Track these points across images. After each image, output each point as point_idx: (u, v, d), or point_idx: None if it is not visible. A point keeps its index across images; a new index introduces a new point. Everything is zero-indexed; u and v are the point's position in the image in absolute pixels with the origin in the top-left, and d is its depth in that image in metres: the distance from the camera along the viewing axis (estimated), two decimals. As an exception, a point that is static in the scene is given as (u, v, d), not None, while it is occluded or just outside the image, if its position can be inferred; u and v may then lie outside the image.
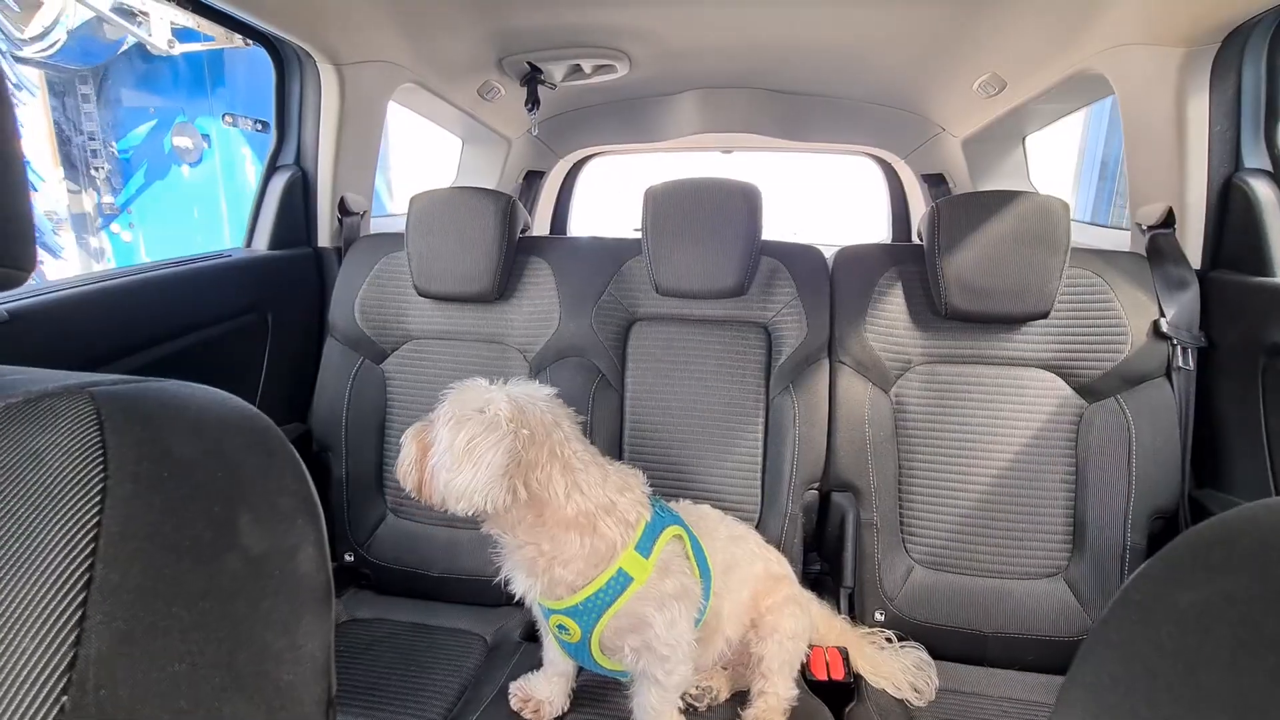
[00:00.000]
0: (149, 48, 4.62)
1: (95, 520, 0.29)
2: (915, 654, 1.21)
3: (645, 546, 0.96)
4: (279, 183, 1.56)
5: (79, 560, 0.28)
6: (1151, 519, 1.22)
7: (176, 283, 1.29)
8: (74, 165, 5.29)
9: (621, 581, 0.94)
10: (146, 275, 1.24)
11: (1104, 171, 4.78)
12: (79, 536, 0.29)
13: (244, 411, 0.41)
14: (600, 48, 1.75)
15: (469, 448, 0.86)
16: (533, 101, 1.90)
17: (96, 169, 5.41)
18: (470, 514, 0.90)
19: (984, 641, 1.26)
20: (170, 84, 5.39)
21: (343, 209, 1.65)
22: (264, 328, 1.49)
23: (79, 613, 0.28)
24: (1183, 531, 1.29)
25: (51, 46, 4.70)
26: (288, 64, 1.54)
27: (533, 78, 1.85)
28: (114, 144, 5.44)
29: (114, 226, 5.62)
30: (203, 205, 5.58)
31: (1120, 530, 1.22)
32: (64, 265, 5.17)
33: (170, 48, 4.85)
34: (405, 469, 0.93)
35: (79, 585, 0.28)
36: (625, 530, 0.95)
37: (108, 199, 5.53)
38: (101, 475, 0.31)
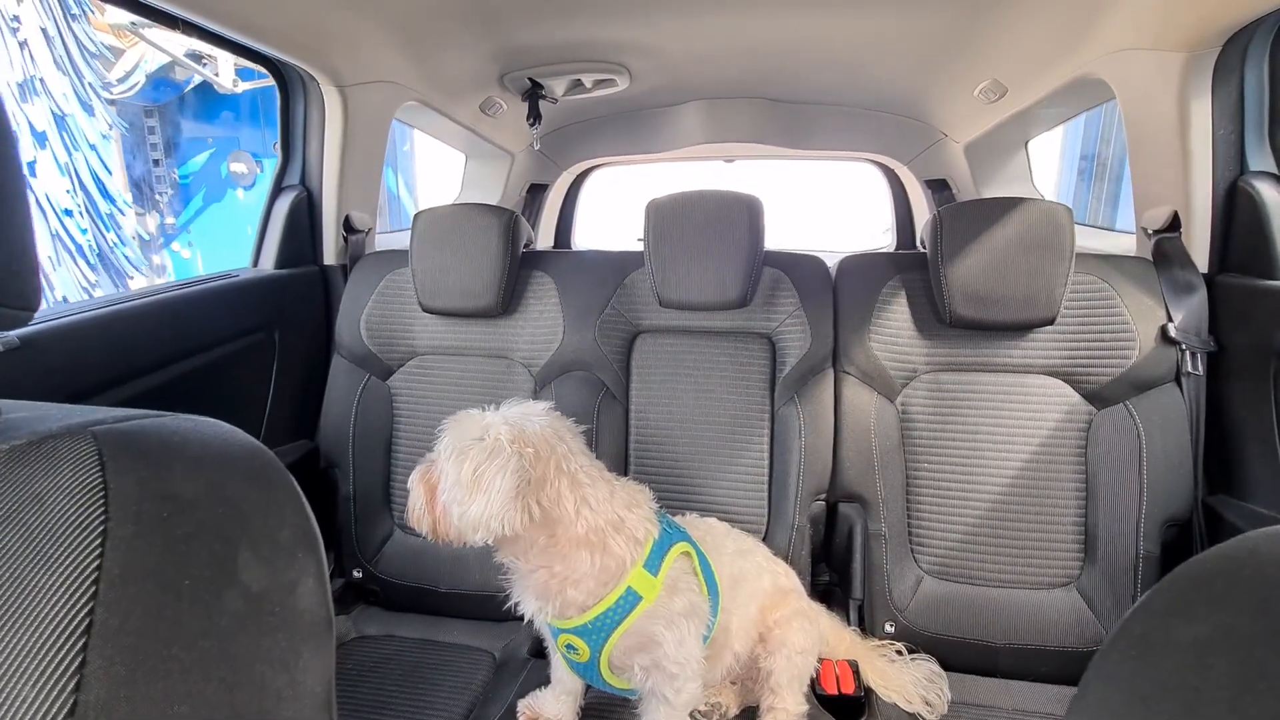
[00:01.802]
0: (216, 87, 5.51)
1: (96, 563, 0.30)
2: (926, 666, 1.20)
3: (654, 564, 0.96)
4: (284, 203, 1.58)
5: (80, 605, 0.29)
6: (1164, 526, 1.20)
7: (185, 304, 1.30)
8: (140, 191, 6.10)
9: (630, 600, 0.93)
10: (155, 298, 1.25)
11: (1082, 167, 4.78)
12: (80, 581, 0.29)
13: (244, 445, 0.41)
14: (600, 62, 1.76)
15: (476, 477, 0.85)
16: (534, 116, 1.92)
17: (160, 194, 6.22)
18: (488, 542, 0.89)
19: (996, 653, 1.24)
20: (227, 117, 6.22)
21: (348, 227, 1.67)
22: (271, 346, 1.50)
23: (79, 658, 0.28)
24: (1197, 539, 1.26)
25: (133, 88, 5.78)
26: (292, 86, 1.56)
27: (534, 93, 1.86)
28: (175, 171, 6.24)
29: (174, 245, 6.39)
30: (255, 224, 6.16)
31: (1133, 538, 1.20)
32: (138, 280, 5.86)
33: (234, 86, 5.50)
34: (418, 514, 0.93)
35: (79, 630, 0.28)
36: (634, 548, 0.95)
37: (170, 220, 6.33)
38: (103, 517, 0.31)
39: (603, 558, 0.92)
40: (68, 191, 5.24)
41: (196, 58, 5.18)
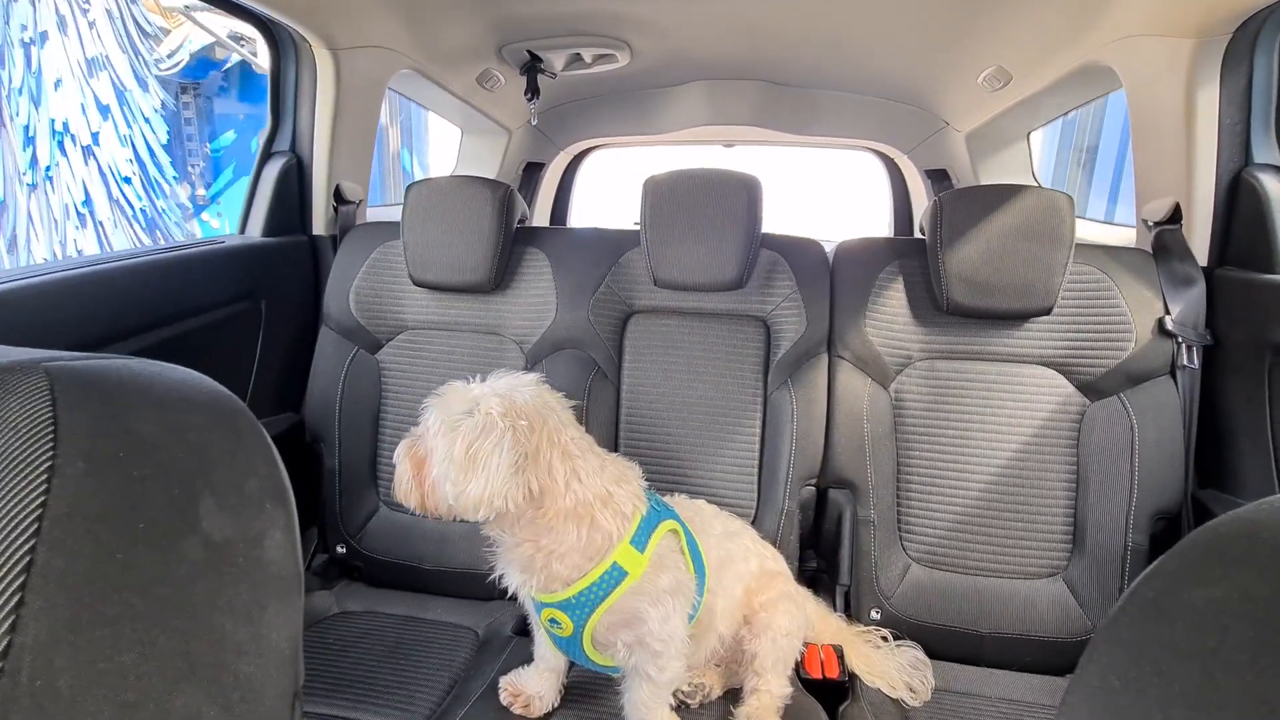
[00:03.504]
0: (254, 67, 5.90)
1: (40, 500, 0.28)
2: (911, 653, 1.20)
3: (640, 540, 0.94)
4: (274, 169, 1.54)
5: (19, 543, 0.27)
6: (1154, 519, 1.20)
7: (169, 268, 1.27)
8: (174, 162, 6.44)
9: (616, 575, 0.92)
10: (139, 260, 1.22)
11: (1060, 157, 4.77)
12: (20, 517, 0.27)
13: (212, 391, 0.39)
14: (601, 36, 1.72)
15: (471, 455, 0.84)
16: (532, 91, 1.88)
17: (193, 166, 6.58)
18: (488, 519, 0.88)
19: (981, 641, 1.24)
20: (260, 95, 6.33)
21: (338, 197, 1.63)
22: (258, 316, 1.47)
23: (16, 597, 0.26)
24: (1185, 532, 1.27)
25: (176, 65, 6.13)
26: (283, 48, 1.52)
27: (533, 66, 1.83)
28: (207, 145, 6.60)
29: (205, 214, 6.69)
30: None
31: (1121, 530, 1.20)
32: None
33: (272, 67, 5.81)
34: (404, 489, 0.91)
35: (17, 569, 0.26)
36: (621, 523, 0.93)
37: (201, 191, 6.67)
38: (50, 453, 0.29)
39: (589, 531, 0.91)
40: (128, 161, 5.79)
41: (237, 38, 5.55)
